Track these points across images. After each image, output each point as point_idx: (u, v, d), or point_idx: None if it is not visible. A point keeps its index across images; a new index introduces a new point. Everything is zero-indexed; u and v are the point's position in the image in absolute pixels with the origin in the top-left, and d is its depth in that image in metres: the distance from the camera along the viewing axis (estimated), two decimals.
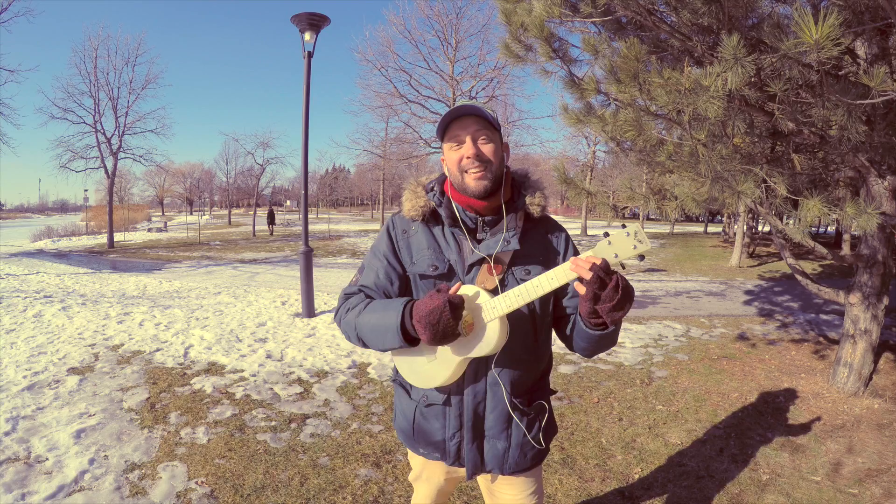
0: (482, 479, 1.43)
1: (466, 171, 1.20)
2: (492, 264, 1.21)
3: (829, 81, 2.23)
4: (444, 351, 1.19)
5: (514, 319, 1.21)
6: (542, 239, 1.30)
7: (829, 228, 27.15)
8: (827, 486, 2.70)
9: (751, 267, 12.88)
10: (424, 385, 1.26)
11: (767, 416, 3.58)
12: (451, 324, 1.04)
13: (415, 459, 1.47)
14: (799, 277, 4.44)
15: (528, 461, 1.32)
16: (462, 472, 1.38)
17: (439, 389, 1.28)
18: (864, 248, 3.92)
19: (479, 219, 1.25)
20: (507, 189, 1.28)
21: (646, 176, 17.75)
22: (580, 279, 1.04)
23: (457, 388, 1.27)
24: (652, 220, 46.14)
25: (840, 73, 2.86)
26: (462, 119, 1.21)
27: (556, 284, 1.09)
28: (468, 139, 1.19)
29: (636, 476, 2.75)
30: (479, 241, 1.26)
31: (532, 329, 1.27)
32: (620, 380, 4.26)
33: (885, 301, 3.90)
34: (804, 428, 3.40)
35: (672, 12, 2.65)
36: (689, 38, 2.66)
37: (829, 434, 3.31)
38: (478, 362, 1.23)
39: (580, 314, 1.11)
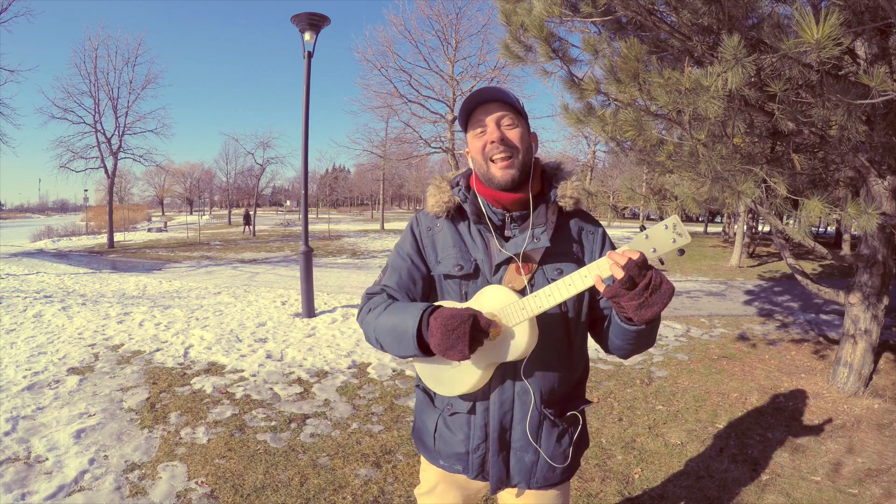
0: (503, 494, 1.31)
1: (492, 160, 1.13)
2: (520, 263, 1.14)
3: (829, 81, 2.23)
4: None
5: (547, 323, 1.13)
6: (575, 235, 1.21)
7: (828, 228, 27.15)
8: (827, 486, 2.70)
9: (751, 267, 12.88)
10: (447, 392, 1.18)
11: (767, 416, 3.58)
12: (464, 337, 0.97)
13: (429, 472, 1.34)
14: (799, 277, 4.44)
15: (558, 476, 1.22)
16: (483, 486, 1.30)
17: (464, 397, 1.19)
18: (864, 248, 3.92)
19: (507, 214, 1.18)
20: (537, 181, 1.20)
21: (646, 176, 17.74)
22: (611, 277, 0.97)
23: (482, 395, 1.18)
24: (652, 220, 46.16)
25: (840, 73, 2.86)
26: (486, 105, 1.14)
27: (589, 283, 1.00)
28: (492, 124, 1.12)
29: (636, 476, 2.75)
30: (506, 239, 1.18)
31: (566, 334, 1.18)
32: (620, 380, 4.26)
33: (885, 301, 3.90)
34: (804, 428, 3.40)
35: (672, 12, 2.65)
36: (689, 38, 2.66)
37: (829, 434, 3.31)
38: (505, 368, 1.15)
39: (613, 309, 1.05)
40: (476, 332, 0.98)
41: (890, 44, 3.01)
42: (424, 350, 1.07)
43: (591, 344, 1.30)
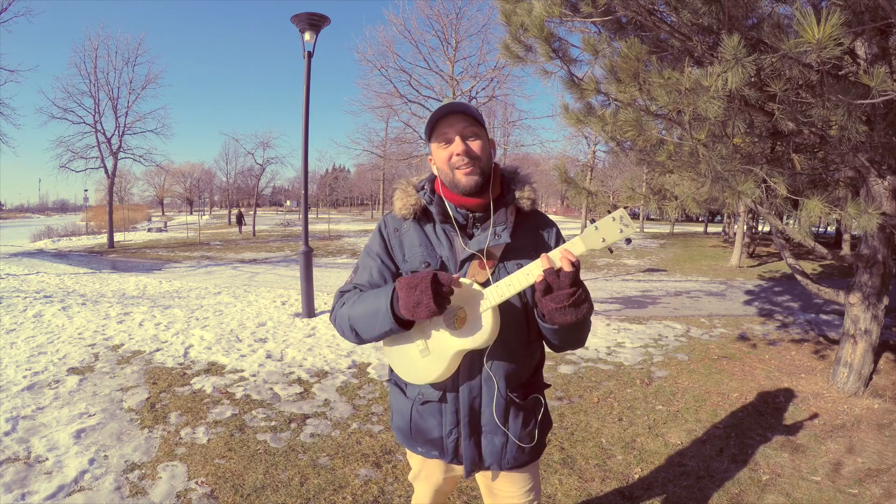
0: (481, 478, 1.43)
1: (457, 168, 1.21)
2: (483, 259, 1.22)
3: (829, 81, 2.23)
4: (437, 344, 1.20)
5: (507, 312, 1.22)
6: (533, 233, 1.31)
7: (829, 228, 27.15)
8: (827, 486, 2.70)
9: (751, 267, 12.88)
10: (418, 381, 1.26)
11: (767, 416, 3.58)
12: (427, 291, 1.05)
13: (413, 459, 1.46)
14: (799, 277, 4.44)
15: (526, 456, 1.33)
16: (461, 469, 1.37)
17: (434, 386, 1.28)
18: (864, 248, 3.92)
19: (470, 215, 1.27)
20: (497, 185, 1.29)
21: (646, 176, 17.74)
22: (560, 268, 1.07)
23: (452, 383, 1.27)
24: (652, 220, 46.13)
25: (840, 73, 2.86)
26: (449, 117, 1.22)
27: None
28: (457, 137, 1.21)
29: (636, 476, 2.75)
30: (470, 237, 1.27)
31: (525, 321, 1.28)
32: (620, 380, 4.26)
33: (885, 301, 3.90)
34: (804, 428, 3.40)
35: (672, 12, 2.65)
36: (689, 38, 2.66)
37: (829, 434, 3.31)
38: (472, 357, 1.24)
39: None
40: (438, 286, 1.07)
41: (890, 44, 3.01)
42: (400, 323, 1.16)
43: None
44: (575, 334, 1.20)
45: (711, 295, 8.80)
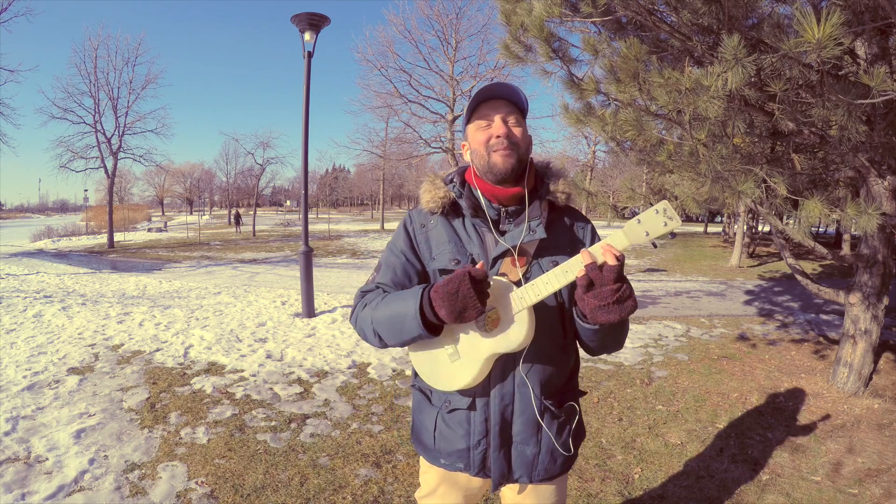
0: (506, 491, 1.33)
1: (495, 150, 1.14)
2: (516, 256, 1.14)
3: (829, 81, 2.23)
4: (467, 348, 1.12)
5: (543, 314, 1.14)
6: (567, 228, 1.23)
7: (828, 228, 27.14)
8: (827, 486, 2.70)
9: (751, 267, 12.88)
10: (447, 387, 1.17)
11: (767, 416, 3.58)
12: (470, 294, 0.99)
13: (430, 473, 1.34)
14: (799, 277, 4.44)
15: (558, 467, 1.24)
16: (483, 484, 1.30)
17: (463, 392, 1.19)
18: (864, 248, 3.92)
19: (503, 209, 1.19)
20: (531, 178, 1.22)
21: (646, 176, 17.76)
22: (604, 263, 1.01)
23: (482, 390, 1.18)
24: None
25: (840, 72, 2.86)
26: (494, 101, 1.17)
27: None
28: (498, 118, 1.15)
29: (636, 476, 2.75)
30: (502, 233, 1.19)
31: (561, 324, 1.19)
32: (620, 380, 4.26)
33: (885, 301, 3.90)
34: (804, 428, 3.40)
35: (672, 12, 2.65)
36: (689, 38, 2.66)
37: (829, 434, 3.31)
38: (505, 361, 1.15)
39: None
40: (477, 283, 1.00)
41: (890, 44, 3.01)
42: (429, 328, 1.08)
43: None
44: (614, 335, 1.12)
45: (711, 295, 8.80)
